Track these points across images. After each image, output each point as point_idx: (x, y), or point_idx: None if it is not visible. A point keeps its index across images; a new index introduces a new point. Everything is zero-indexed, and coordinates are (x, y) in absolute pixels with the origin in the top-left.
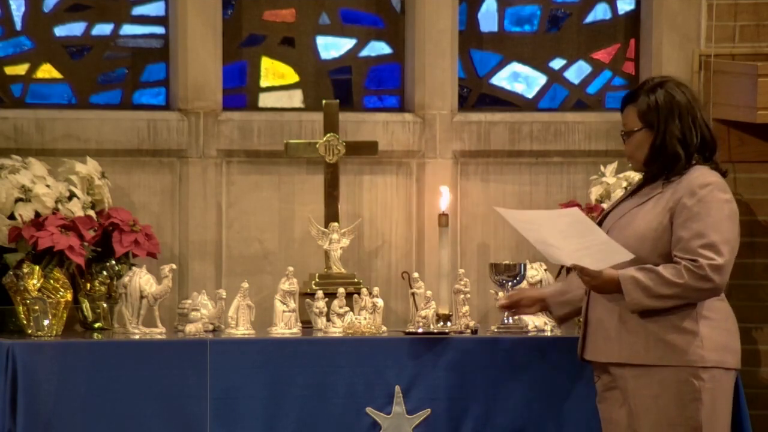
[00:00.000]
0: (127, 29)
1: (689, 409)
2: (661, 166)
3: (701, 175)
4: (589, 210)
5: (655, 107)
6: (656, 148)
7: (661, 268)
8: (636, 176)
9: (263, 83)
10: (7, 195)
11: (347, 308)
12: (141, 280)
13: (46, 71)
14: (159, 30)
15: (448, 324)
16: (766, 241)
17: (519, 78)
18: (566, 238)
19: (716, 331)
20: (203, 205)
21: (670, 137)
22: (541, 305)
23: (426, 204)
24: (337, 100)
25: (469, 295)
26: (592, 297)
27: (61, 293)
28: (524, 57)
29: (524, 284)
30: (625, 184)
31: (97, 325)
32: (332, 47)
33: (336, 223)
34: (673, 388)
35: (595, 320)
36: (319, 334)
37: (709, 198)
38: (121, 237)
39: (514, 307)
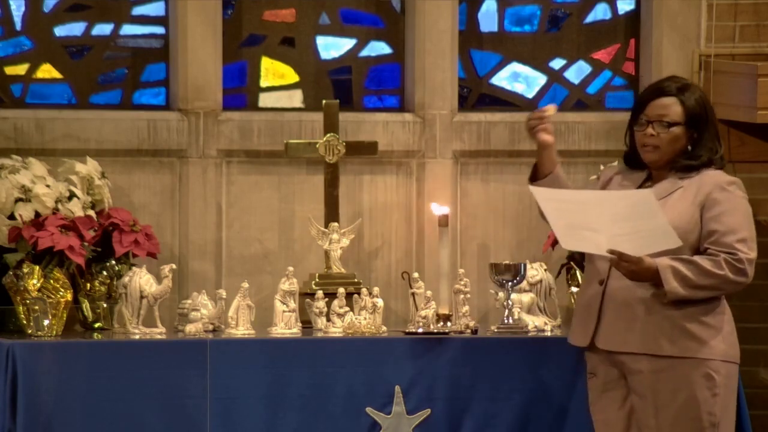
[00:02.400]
0: (127, 29)
1: (708, 404)
2: (689, 164)
3: (722, 173)
4: None
5: (703, 107)
6: (696, 146)
7: (698, 259)
8: None
9: (263, 83)
10: (7, 195)
11: (347, 308)
12: (141, 280)
13: (46, 71)
14: (159, 30)
15: (448, 324)
16: (766, 241)
17: (519, 78)
18: (617, 221)
19: (730, 327)
20: (203, 205)
21: (707, 139)
22: (550, 153)
23: (426, 204)
24: (337, 100)
25: (469, 295)
26: (611, 286)
27: (61, 293)
28: (524, 57)
29: (524, 285)
30: None
31: (97, 325)
32: (332, 47)
33: (336, 223)
34: (694, 383)
35: (614, 310)
36: (319, 334)
37: (735, 195)
38: (121, 237)
39: (540, 122)
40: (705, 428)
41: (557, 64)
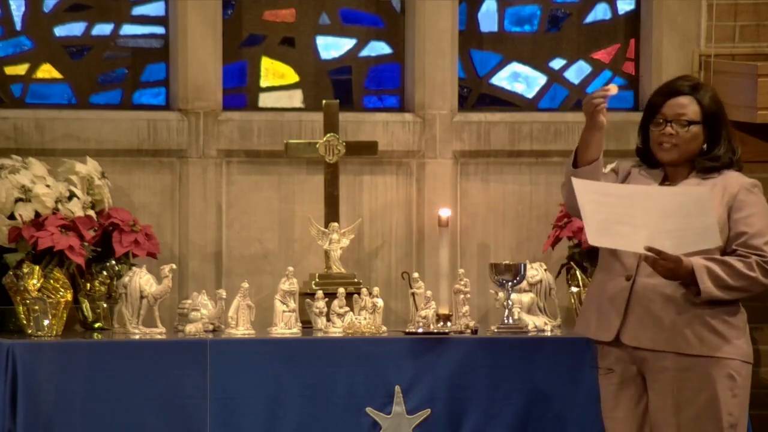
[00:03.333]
0: (127, 29)
1: (729, 404)
2: (711, 165)
3: (742, 174)
4: None
5: (718, 105)
6: (712, 145)
7: (730, 260)
8: None
9: (263, 83)
10: (7, 195)
11: (347, 308)
12: (141, 280)
13: (46, 71)
14: (159, 30)
15: (448, 324)
16: None
17: (519, 78)
18: (665, 217)
19: (748, 328)
20: (203, 205)
21: (724, 138)
22: (602, 136)
23: (426, 204)
24: (337, 100)
25: (469, 295)
26: (640, 283)
27: (61, 293)
28: (524, 57)
29: (524, 285)
30: None
31: (97, 325)
32: (332, 47)
33: (336, 223)
34: (716, 383)
35: (642, 306)
36: (319, 334)
37: (759, 197)
38: (121, 237)
39: (605, 100)
40: (724, 429)
41: (557, 64)
